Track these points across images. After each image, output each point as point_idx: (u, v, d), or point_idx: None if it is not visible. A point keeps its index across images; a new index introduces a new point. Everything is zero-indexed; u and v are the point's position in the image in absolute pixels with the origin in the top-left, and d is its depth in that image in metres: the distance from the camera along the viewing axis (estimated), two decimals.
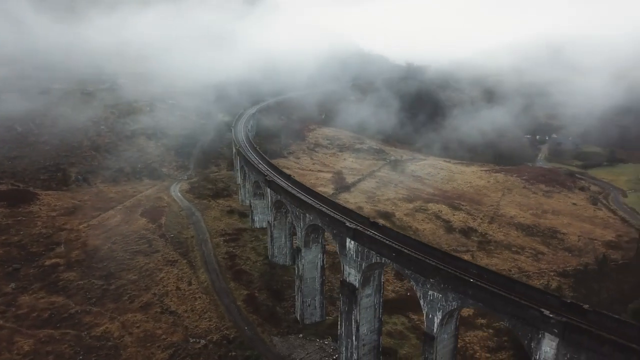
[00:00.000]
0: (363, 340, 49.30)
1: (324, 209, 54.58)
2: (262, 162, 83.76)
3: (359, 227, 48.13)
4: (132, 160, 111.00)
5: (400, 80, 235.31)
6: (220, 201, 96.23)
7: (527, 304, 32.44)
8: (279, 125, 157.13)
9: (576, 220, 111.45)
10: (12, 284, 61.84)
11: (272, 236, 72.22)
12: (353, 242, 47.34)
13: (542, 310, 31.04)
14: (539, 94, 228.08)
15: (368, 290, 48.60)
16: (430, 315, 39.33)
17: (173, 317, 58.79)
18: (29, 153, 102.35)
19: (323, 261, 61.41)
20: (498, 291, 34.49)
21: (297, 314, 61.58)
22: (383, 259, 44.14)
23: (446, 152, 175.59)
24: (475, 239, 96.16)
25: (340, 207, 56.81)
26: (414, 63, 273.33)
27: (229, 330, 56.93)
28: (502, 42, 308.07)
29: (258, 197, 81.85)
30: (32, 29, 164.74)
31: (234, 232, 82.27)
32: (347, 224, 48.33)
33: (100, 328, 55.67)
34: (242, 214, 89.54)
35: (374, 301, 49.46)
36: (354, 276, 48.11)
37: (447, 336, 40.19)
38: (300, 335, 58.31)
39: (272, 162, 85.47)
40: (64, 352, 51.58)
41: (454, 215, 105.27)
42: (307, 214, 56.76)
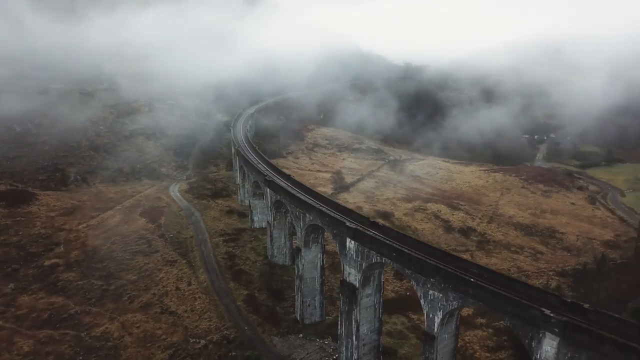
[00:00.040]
0: (363, 340, 49.33)
1: (324, 209, 54.59)
2: (261, 162, 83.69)
3: (359, 227, 48.13)
4: (131, 161, 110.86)
5: (399, 80, 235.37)
6: (220, 201, 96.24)
7: (527, 303, 32.49)
8: (278, 125, 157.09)
9: (575, 220, 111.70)
10: (12, 285, 61.78)
11: (271, 236, 72.21)
12: (353, 242, 47.36)
13: (543, 309, 31.09)
14: (538, 94, 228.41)
15: (368, 290, 48.63)
16: (431, 315, 39.37)
17: (173, 317, 58.78)
18: (27, 153, 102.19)
19: (323, 261, 61.45)
20: (498, 291, 34.55)
21: (297, 314, 61.60)
22: (383, 258, 44.17)
23: (445, 152, 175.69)
24: (474, 238, 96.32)
25: (340, 207, 56.81)
26: (412, 63, 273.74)
27: (229, 331, 56.95)
28: (501, 42, 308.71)
29: (257, 197, 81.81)
30: (31, 29, 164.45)
31: (234, 232, 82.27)
32: (348, 224, 48.35)
33: (100, 328, 55.64)
34: (242, 214, 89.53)
35: (374, 301, 49.49)
36: (354, 276, 48.14)
37: (447, 336, 40.24)
38: (300, 335, 58.34)
39: (271, 162, 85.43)
40: (63, 353, 51.53)
41: (452, 215, 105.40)
42: (307, 214, 56.76)
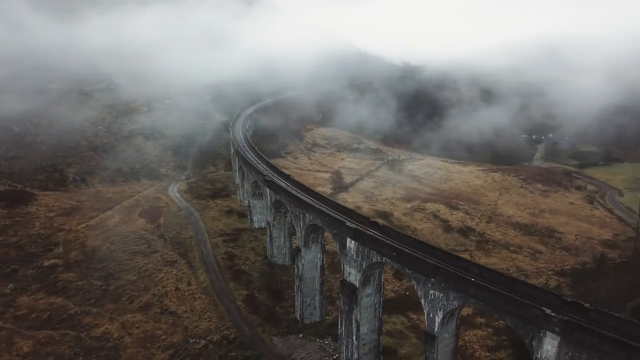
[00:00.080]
0: (363, 339, 49.38)
1: (324, 209, 54.60)
2: (260, 162, 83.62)
3: (359, 227, 48.16)
4: (130, 161, 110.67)
5: (397, 80, 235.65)
6: (219, 201, 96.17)
7: (528, 302, 32.57)
8: (277, 125, 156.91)
9: (573, 220, 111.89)
10: (11, 285, 61.66)
11: (271, 236, 72.20)
12: (353, 241, 47.38)
13: (544, 309, 31.16)
14: (536, 94, 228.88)
15: (368, 290, 48.68)
16: (431, 315, 39.42)
17: (173, 317, 58.74)
18: (26, 153, 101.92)
19: (322, 261, 61.49)
20: (499, 290, 34.61)
21: (297, 314, 61.61)
22: (384, 258, 44.21)
23: (443, 151, 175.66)
24: (474, 238, 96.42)
25: (340, 206, 56.83)
26: (410, 63, 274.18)
27: (229, 331, 56.94)
28: (500, 41, 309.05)
29: (257, 197, 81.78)
30: (29, 29, 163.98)
31: (233, 232, 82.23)
32: (348, 224, 48.36)
33: (100, 329, 55.58)
34: (241, 214, 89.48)
35: (374, 301, 49.55)
36: (354, 276, 48.17)
37: (448, 335, 40.30)
38: (300, 335, 58.39)
39: (270, 162, 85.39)
40: (63, 353, 51.45)
41: (451, 214, 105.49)
42: (306, 214, 56.77)
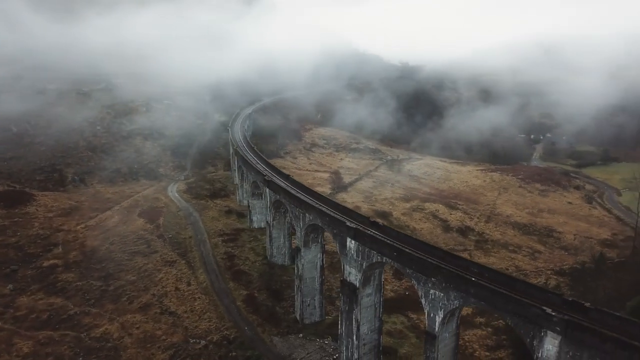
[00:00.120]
0: (363, 339, 49.41)
1: (323, 209, 54.62)
2: (260, 162, 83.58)
3: (359, 227, 48.19)
4: (129, 161, 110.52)
5: (396, 80, 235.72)
6: (218, 201, 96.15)
7: (529, 302, 32.63)
8: (276, 125, 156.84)
9: (572, 219, 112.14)
10: (10, 286, 61.49)
11: (270, 236, 72.21)
12: (354, 241, 47.41)
13: (544, 308, 31.22)
14: (534, 94, 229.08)
15: (368, 290, 48.72)
16: (432, 314, 39.47)
17: (173, 317, 58.69)
18: (24, 154, 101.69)
19: (322, 261, 61.52)
20: (500, 290, 34.67)
21: (297, 314, 61.63)
22: (384, 258, 44.26)
23: (442, 151, 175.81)
24: (473, 238, 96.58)
25: (340, 206, 56.85)
26: (409, 63, 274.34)
27: (229, 331, 56.95)
28: (498, 41, 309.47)
29: (256, 197, 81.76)
30: (28, 29, 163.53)
31: (232, 232, 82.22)
32: (348, 224, 48.38)
33: (100, 329, 55.49)
34: (240, 214, 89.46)
35: (375, 300, 49.59)
36: (354, 275, 48.20)
37: (448, 335, 40.36)
38: (300, 335, 58.43)
39: (270, 162, 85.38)
40: (63, 354, 51.35)
41: (450, 214, 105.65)
42: (306, 214, 56.79)
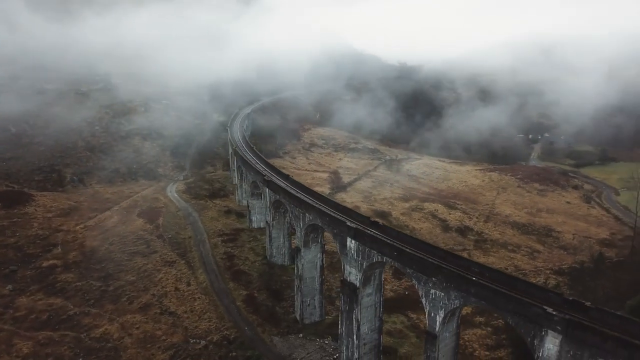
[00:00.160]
0: (364, 339, 49.52)
1: (324, 209, 54.67)
2: (259, 162, 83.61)
3: (359, 227, 48.25)
4: (128, 161, 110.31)
5: (394, 80, 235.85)
6: (217, 201, 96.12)
7: (529, 301, 32.73)
8: (275, 125, 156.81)
9: (570, 219, 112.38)
10: (9, 286, 61.35)
11: (270, 236, 72.24)
12: (354, 241, 47.48)
13: (545, 307, 31.32)
14: (533, 93, 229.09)
15: (369, 290, 48.81)
16: (433, 314, 39.55)
17: (172, 317, 58.71)
18: (23, 154, 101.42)
19: (322, 261, 61.61)
20: (500, 289, 34.76)
21: (297, 314, 61.69)
22: (384, 258, 44.32)
23: (441, 151, 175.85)
24: (472, 237, 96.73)
25: (340, 206, 56.89)
26: (407, 63, 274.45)
27: (229, 331, 56.99)
28: (496, 41, 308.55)
29: (256, 197, 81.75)
30: (27, 29, 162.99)
31: (232, 232, 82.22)
32: (348, 224, 48.44)
33: (100, 329, 55.44)
34: (240, 214, 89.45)
35: (375, 300, 49.70)
36: (354, 275, 48.26)
37: (449, 334, 40.45)
38: (300, 335, 58.52)
39: (269, 162, 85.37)
40: (63, 354, 51.30)
41: (449, 214, 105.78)
42: (306, 214, 56.82)
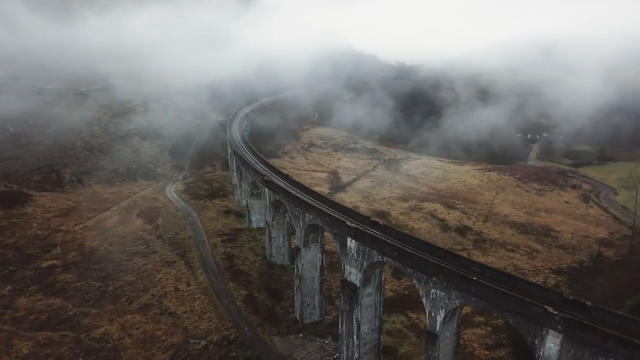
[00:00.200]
0: (364, 339, 49.54)
1: (324, 209, 54.68)
2: (259, 162, 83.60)
3: (360, 227, 48.28)
4: (127, 161, 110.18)
5: (393, 80, 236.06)
6: (216, 201, 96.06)
7: (530, 301, 32.79)
8: (274, 125, 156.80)
9: (569, 218, 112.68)
10: (9, 287, 61.24)
11: (270, 236, 72.22)
12: (354, 241, 47.50)
13: (546, 307, 31.39)
14: (531, 93, 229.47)
15: (369, 289, 48.85)
16: (433, 314, 39.59)
17: (172, 318, 58.65)
18: (22, 154, 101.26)
19: (322, 261, 61.60)
20: (501, 289, 34.81)
21: (297, 314, 61.69)
22: (385, 257, 44.36)
23: (440, 151, 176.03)
24: (471, 237, 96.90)
25: (340, 206, 56.92)
26: (405, 63, 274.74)
27: (229, 331, 56.96)
28: (496, 41, 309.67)
29: (255, 197, 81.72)
30: (26, 29, 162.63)
31: (231, 232, 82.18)
32: (348, 223, 48.46)
33: (100, 330, 55.36)
34: (239, 214, 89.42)
35: (375, 300, 49.75)
36: (355, 275, 48.29)
37: (449, 334, 40.50)
38: (301, 334, 58.52)
39: (268, 162, 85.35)
40: (63, 355, 51.21)
41: (448, 214, 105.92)
42: (306, 214, 56.82)
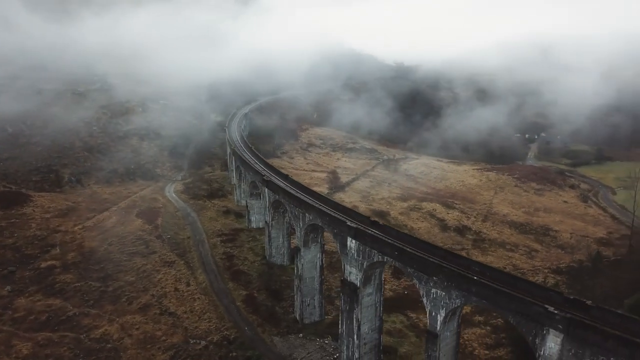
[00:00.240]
0: (364, 339, 49.59)
1: (323, 209, 54.71)
2: (258, 162, 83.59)
3: (360, 226, 48.32)
4: (126, 161, 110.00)
5: (392, 80, 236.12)
6: (216, 201, 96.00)
7: (531, 300, 32.87)
8: (272, 125, 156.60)
9: (568, 218, 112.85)
10: (8, 287, 61.13)
11: (269, 236, 72.22)
12: (354, 241, 47.54)
13: (547, 306, 31.47)
14: (530, 93, 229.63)
15: (369, 289, 48.90)
16: (434, 313, 39.64)
17: (172, 318, 58.63)
18: (20, 154, 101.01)
19: (322, 260, 61.64)
20: (501, 288, 34.88)
21: (297, 314, 61.71)
22: (385, 257, 44.40)
23: (439, 151, 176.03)
24: (470, 237, 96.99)
25: (340, 206, 56.96)
26: (404, 63, 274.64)
27: (229, 331, 56.97)
28: (494, 41, 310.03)
29: (255, 197, 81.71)
30: (24, 29, 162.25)
31: (231, 232, 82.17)
32: (349, 223, 48.50)
33: (99, 330, 55.32)
34: (238, 214, 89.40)
35: (375, 300, 49.80)
36: (355, 275, 48.33)
37: (449, 334, 40.56)
38: (300, 334, 58.55)
39: (268, 162, 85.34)
40: (63, 355, 51.15)
41: (448, 213, 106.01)
42: (306, 214, 56.84)
